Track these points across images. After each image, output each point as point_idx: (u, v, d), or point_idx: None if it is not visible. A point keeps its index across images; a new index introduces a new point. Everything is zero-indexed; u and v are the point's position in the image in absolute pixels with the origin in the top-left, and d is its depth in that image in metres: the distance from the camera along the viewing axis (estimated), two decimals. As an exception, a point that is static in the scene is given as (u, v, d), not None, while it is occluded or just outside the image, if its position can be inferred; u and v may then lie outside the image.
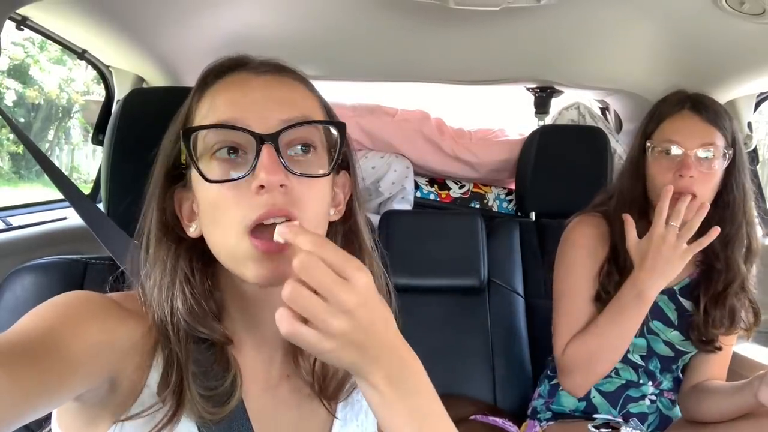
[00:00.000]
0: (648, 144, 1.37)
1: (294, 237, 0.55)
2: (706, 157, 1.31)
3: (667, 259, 1.27)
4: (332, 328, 0.53)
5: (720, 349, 1.41)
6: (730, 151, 1.33)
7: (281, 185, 0.61)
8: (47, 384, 0.52)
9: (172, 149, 0.68)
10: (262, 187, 0.61)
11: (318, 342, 0.54)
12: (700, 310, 1.38)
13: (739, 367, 1.54)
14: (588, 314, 1.40)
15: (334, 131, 0.68)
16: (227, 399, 0.65)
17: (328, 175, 0.66)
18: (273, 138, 0.62)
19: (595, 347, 1.35)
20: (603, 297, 1.39)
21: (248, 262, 0.62)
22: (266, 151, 0.62)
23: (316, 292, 0.53)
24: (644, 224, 1.36)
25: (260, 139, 0.62)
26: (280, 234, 0.57)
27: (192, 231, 0.68)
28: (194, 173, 0.64)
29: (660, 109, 1.40)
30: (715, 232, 1.26)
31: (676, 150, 1.32)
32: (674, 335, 1.42)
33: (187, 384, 0.63)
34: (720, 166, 1.33)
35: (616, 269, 1.39)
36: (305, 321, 0.54)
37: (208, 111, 0.66)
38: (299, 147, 0.65)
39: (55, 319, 0.58)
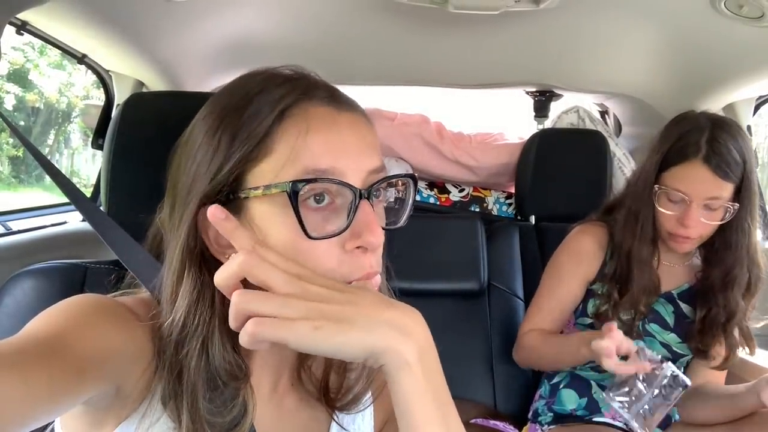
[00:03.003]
0: (656, 188, 1.35)
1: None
2: (711, 208, 1.31)
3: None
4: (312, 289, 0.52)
5: (715, 358, 1.42)
6: (735, 206, 1.30)
7: None
8: (56, 388, 0.52)
9: (229, 175, 0.61)
10: (359, 246, 0.60)
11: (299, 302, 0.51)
12: (696, 321, 1.40)
13: (739, 370, 1.54)
14: (555, 314, 1.49)
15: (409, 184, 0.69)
16: (236, 425, 0.63)
17: (402, 226, 0.67)
18: (368, 193, 0.61)
19: (538, 356, 1.48)
20: (601, 311, 1.42)
21: None
22: (367, 208, 0.61)
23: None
24: (651, 250, 1.40)
25: (359, 195, 0.60)
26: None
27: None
28: (261, 207, 0.60)
29: (674, 145, 1.34)
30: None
31: (681, 199, 1.32)
32: (671, 337, 1.43)
33: (195, 410, 0.61)
34: (722, 211, 1.32)
35: (615, 284, 1.41)
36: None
37: (300, 150, 0.60)
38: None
39: (64, 323, 0.57)
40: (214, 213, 0.55)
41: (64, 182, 0.70)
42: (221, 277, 0.53)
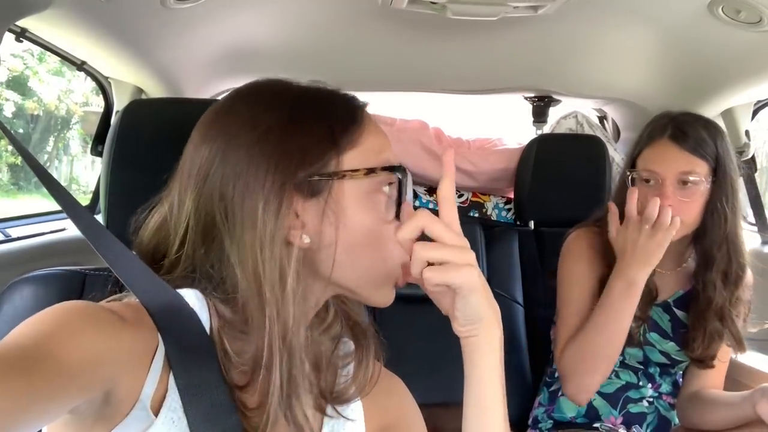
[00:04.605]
0: (627, 173, 1.37)
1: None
2: (686, 186, 1.31)
3: (643, 247, 1.27)
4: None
5: (713, 366, 1.40)
6: (710, 179, 1.31)
7: None
8: (39, 395, 0.50)
9: (324, 158, 0.66)
10: None
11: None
12: (690, 328, 1.39)
13: (738, 374, 1.54)
14: (582, 318, 1.40)
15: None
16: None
17: None
18: None
19: (591, 345, 1.33)
20: None
21: (387, 286, 0.71)
22: (408, 202, 0.71)
23: None
24: None
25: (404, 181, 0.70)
26: None
27: (307, 241, 0.65)
28: (350, 187, 0.67)
29: (644, 134, 1.39)
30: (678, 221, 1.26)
31: (654, 179, 1.33)
32: (670, 346, 1.42)
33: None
34: (702, 193, 1.31)
35: None
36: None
37: (380, 146, 0.71)
38: None
39: (49, 329, 0.56)
40: (449, 154, 0.72)
41: (60, 192, 0.68)
42: (406, 231, 0.65)
